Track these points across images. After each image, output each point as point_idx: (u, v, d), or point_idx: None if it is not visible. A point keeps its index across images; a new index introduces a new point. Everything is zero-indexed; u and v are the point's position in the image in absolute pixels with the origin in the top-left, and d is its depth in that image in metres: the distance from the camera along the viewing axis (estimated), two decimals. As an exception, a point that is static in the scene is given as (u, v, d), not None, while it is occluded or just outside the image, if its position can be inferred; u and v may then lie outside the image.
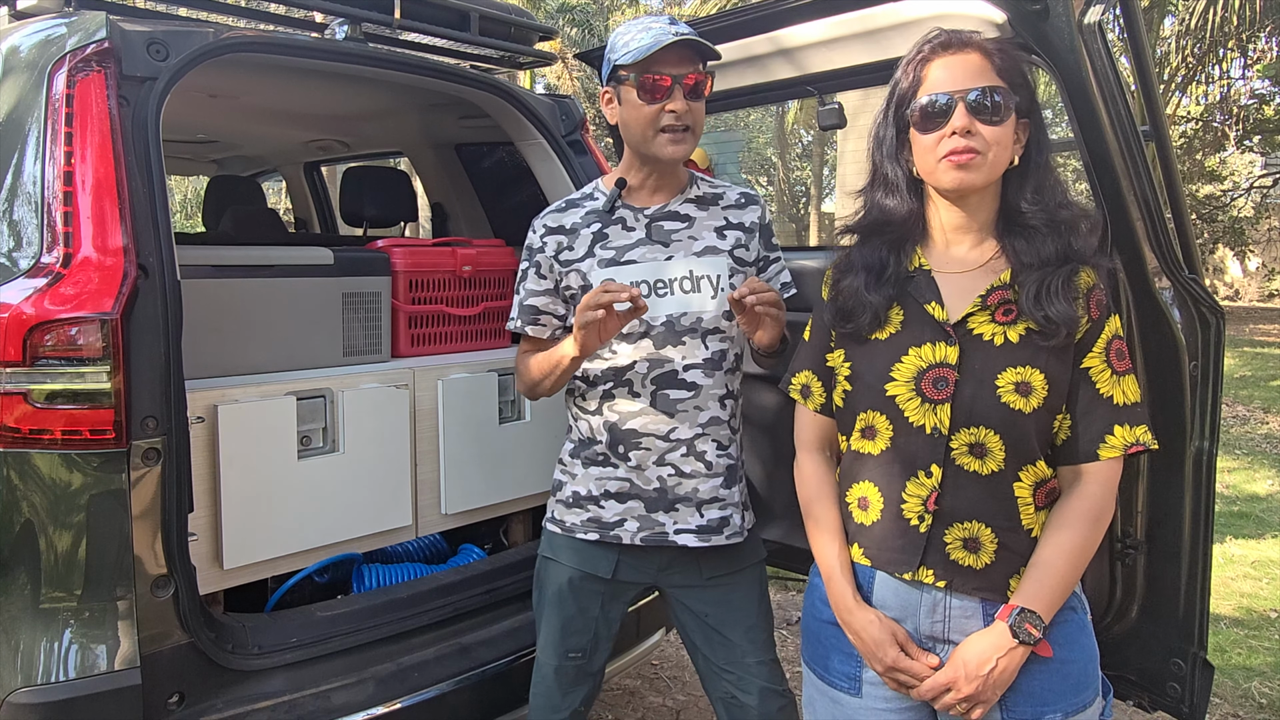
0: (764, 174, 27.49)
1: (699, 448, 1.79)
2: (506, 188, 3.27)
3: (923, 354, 1.39)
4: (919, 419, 1.38)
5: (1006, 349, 1.35)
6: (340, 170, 3.91)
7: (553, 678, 1.90)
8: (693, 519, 1.80)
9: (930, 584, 1.38)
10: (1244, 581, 4.21)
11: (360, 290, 2.39)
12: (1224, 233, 15.75)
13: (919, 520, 1.38)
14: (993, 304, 1.38)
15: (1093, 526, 1.35)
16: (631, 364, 1.78)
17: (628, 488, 1.81)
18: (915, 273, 1.44)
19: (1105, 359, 1.36)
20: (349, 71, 2.36)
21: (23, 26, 1.80)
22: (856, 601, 1.43)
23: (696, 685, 3.26)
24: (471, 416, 2.44)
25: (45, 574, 1.58)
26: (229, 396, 1.99)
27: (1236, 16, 11.86)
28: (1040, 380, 1.33)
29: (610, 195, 1.84)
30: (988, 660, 1.31)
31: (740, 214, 1.86)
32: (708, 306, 1.77)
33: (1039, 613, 1.31)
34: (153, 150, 1.72)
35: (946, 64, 1.38)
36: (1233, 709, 3.08)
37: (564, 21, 18.11)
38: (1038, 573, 1.33)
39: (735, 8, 3.25)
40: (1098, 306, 1.37)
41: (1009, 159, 1.38)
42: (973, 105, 1.34)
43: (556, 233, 1.87)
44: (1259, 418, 7.80)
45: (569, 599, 1.87)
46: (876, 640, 1.39)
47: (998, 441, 1.34)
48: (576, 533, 1.86)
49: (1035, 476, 1.36)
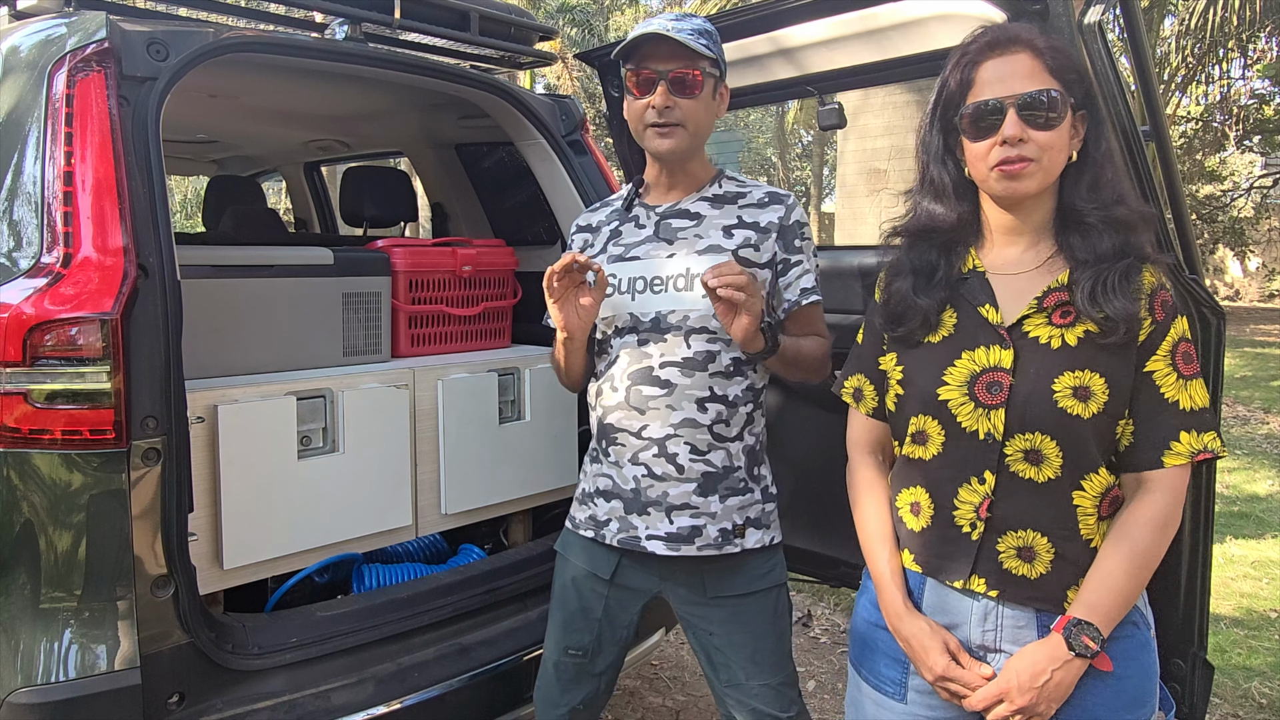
0: (764, 174, 27.49)
1: (670, 449, 1.73)
2: (506, 188, 3.27)
3: (976, 358, 1.35)
4: (972, 424, 1.34)
5: (1064, 352, 1.30)
6: (340, 170, 3.91)
7: (553, 672, 1.90)
8: (662, 524, 1.75)
9: (982, 593, 1.35)
10: (1244, 581, 4.21)
11: (360, 290, 2.39)
12: (1224, 233, 15.75)
13: (971, 528, 1.35)
14: (1049, 306, 1.33)
15: (1156, 537, 1.28)
16: (617, 358, 1.79)
17: (611, 486, 1.80)
18: (969, 275, 1.40)
19: (1170, 362, 1.30)
20: (349, 71, 2.36)
21: (23, 26, 1.80)
22: (907, 608, 1.41)
23: (696, 685, 3.26)
24: (471, 416, 2.44)
25: (45, 574, 1.58)
26: (229, 396, 1.99)
27: (1236, 16, 11.85)
28: (1100, 385, 1.28)
29: (627, 193, 1.86)
30: (1042, 672, 1.27)
31: (758, 213, 1.79)
32: (697, 305, 1.73)
33: (1097, 625, 1.27)
34: (153, 150, 1.72)
35: (995, 66, 1.32)
36: (1233, 709, 3.08)
37: (564, 21, 18.11)
38: (1096, 583, 1.28)
39: (735, 8, 3.25)
40: (1162, 307, 1.30)
41: (1065, 160, 1.33)
42: (1024, 111, 1.29)
43: (584, 230, 1.93)
44: (1259, 418, 7.79)
45: (571, 595, 1.87)
46: (926, 648, 1.37)
47: (1054, 448, 1.30)
48: (580, 529, 1.87)
49: (1098, 486, 1.31)
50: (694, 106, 1.72)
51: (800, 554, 2.38)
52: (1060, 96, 1.29)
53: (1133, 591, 1.29)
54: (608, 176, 2.66)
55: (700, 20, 1.75)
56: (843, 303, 2.27)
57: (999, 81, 1.31)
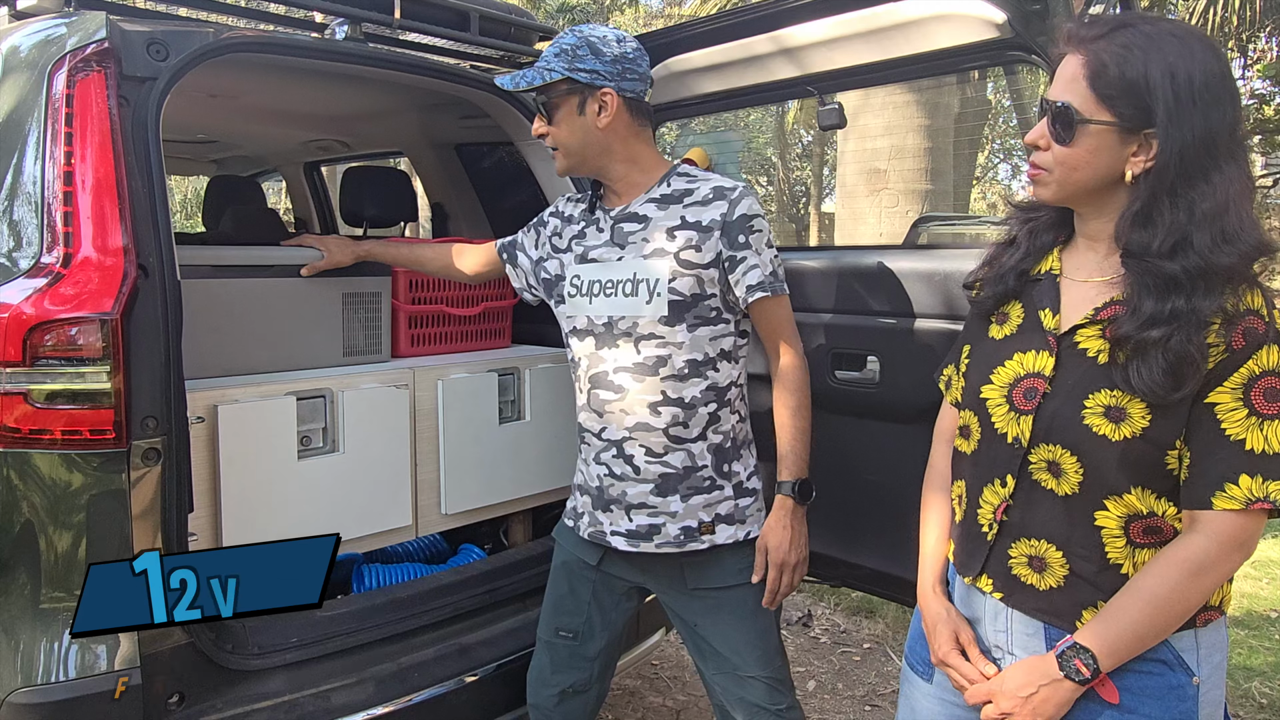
0: (764, 174, 27.48)
1: (627, 451, 1.78)
2: (506, 188, 3.27)
3: (1025, 361, 1.32)
4: (1003, 426, 1.32)
5: (1106, 368, 1.22)
6: (340, 170, 3.91)
7: (545, 653, 1.98)
8: (623, 522, 1.82)
9: (988, 593, 1.36)
10: (1244, 581, 4.21)
11: (360, 290, 2.39)
12: (1224, 233, 15.74)
13: (988, 528, 1.35)
14: (1105, 319, 1.24)
15: (1185, 580, 1.19)
16: (579, 361, 1.85)
17: (583, 481, 1.90)
18: (1043, 277, 1.36)
19: (1242, 396, 1.16)
20: (349, 71, 2.36)
21: (23, 26, 1.80)
22: (934, 590, 1.45)
23: (696, 685, 3.26)
24: (471, 417, 2.44)
25: (45, 574, 1.58)
26: (229, 396, 1.99)
27: (1236, 16, 11.86)
28: (1140, 409, 1.19)
29: (590, 198, 1.92)
30: (1029, 685, 1.26)
31: (701, 211, 1.75)
32: (643, 311, 1.75)
33: (1095, 653, 1.21)
34: (153, 150, 1.72)
35: (1061, 64, 1.25)
36: (1233, 709, 3.08)
37: (564, 21, 18.12)
38: (1108, 613, 1.23)
39: (735, 8, 3.25)
40: (1244, 335, 1.16)
41: (1091, 179, 1.24)
42: (1051, 120, 1.24)
43: (558, 217, 2.00)
44: (1259, 418, 7.79)
45: (562, 578, 1.97)
46: (938, 631, 1.41)
47: (1074, 463, 1.25)
48: (567, 519, 1.98)
49: (1125, 509, 1.23)
50: (557, 130, 1.80)
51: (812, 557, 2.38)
52: (1073, 110, 1.21)
53: (1148, 630, 1.21)
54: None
55: (570, 38, 1.78)
56: (843, 303, 2.27)
57: (1056, 81, 1.25)
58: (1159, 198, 1.18)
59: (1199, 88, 1.16)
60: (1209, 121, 1.16)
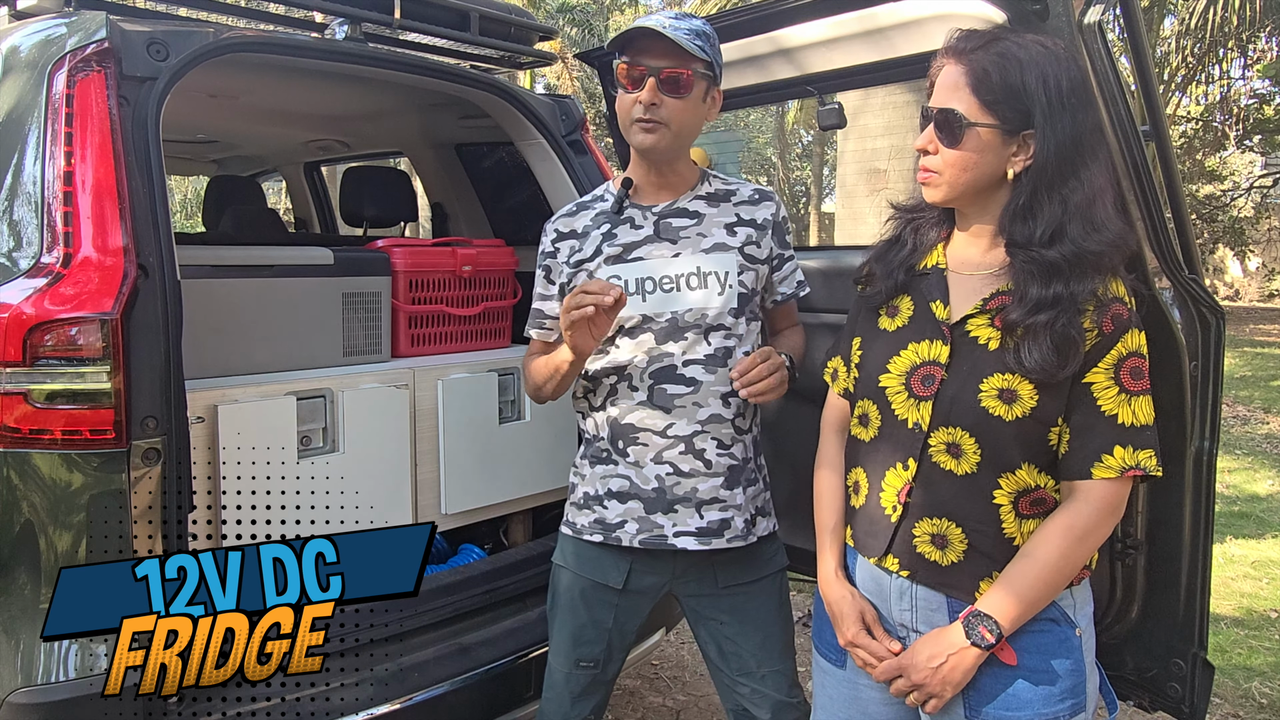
0: (764, 174, 27.49)
1: (698, 445, 1.75)
2: (506, 188, 3.27)
3: (920, 350, 1.41)
4: (903, 413, 1.41)
5: (998, 354, 1.34)
6: (340, 170, 3.91)
7: (563, 685, 1.88)
8: (692, 520, 1.75)
9: (895, 572, 1.43)
10: (1244, 581, 4.21)
11: (360, 290, 2.39)
12: (1224, 233, 15.75)
13: (892, 510, 1.42)
14: (994, 308, 1.36)
15: (1075, 544, 1.31)
16: (632, 359, 1.77)
17: (628, 486, 1.78)
18: (930, 271, 1.45)
19: (1113, 376, 1.31)
20: (349, 71, 2.36)
21: (23, 26, 1.80)
22: (836, 575, 1.52)
23: (697, 685, 3.26)
24: (471, 416, 2.44)
25: (45, 574, 1.58)
26: (229, 396, 1.99)
27: (1236, 16, 11.85)
28: (1029, 390, 1.31)
29: (618, 195, 1.83)
30: (937, 656, 1.34)
31: (753, 210, 1.83)
32: (713, 303, 1.76)
33: (997, 619, 1.31)
34: (153, 150, 1.72)
35: (941, 74, 1.36)
36: (1233, 709, 3.08)
37: (564, 21, 18.11)
38: (1005, 581, 1.33)
39: (735, 8, 3.25)
40: (1113, 321, 1.30)
41: (978, 179, 1.34)
42: (938, 126, 1.34)
43: (569, 237, 1.86)
44: (1259, 418, 7.80)
45: (580, 608, 1.85)
46: (844, 614, 1.47)
47: (973, 444, 1.34)
48: (584, 535, 1.84)
49: (1016, 485, 1.35)
50: (681, 107, 1.70)
51: (801, 554, 2.37)
52: (957, 116, 1.31)
53: (1040, 593, 1.32)
54: (608, 176, 2.65)
55: (699, 22, 1.74)
56: (842, 303, 2.27)
57: (936, 90, 1.36)
58: (1039, 193, 1.30)
59: (1067, 92, 1.29)
60: (1077, 123, 1.29)
